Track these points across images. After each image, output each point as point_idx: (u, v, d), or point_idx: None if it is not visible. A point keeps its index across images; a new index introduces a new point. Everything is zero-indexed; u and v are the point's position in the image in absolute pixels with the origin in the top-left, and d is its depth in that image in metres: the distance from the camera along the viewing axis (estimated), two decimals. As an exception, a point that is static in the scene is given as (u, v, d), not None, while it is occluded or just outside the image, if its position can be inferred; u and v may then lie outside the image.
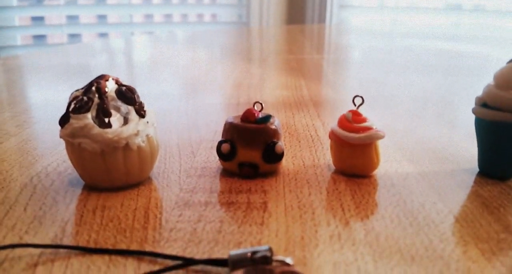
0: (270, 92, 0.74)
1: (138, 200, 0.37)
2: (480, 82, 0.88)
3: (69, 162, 0.44)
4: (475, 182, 0.42)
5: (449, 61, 1.11)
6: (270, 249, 0.28)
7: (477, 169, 0.44)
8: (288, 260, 0.28)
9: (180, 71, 0.93)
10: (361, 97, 0.42)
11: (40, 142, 0.50)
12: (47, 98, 0.70)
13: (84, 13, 2.31)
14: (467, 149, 0.50)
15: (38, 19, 2.16)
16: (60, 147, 0.48)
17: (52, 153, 0.47)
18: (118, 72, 0.94)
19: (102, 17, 2.40)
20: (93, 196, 0.37)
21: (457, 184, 0.41)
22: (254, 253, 0.27)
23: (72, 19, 2.21)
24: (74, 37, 2.23)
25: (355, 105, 0.43)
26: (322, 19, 2.49)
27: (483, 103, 0.42)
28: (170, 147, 0.49)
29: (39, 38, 2.19)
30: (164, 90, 0.77)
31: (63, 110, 0.38)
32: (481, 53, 1.28)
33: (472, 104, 0.43)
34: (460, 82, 0.84)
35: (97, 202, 0.36)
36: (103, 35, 2.40)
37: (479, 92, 0.43)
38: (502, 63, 1.13)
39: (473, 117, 0.43)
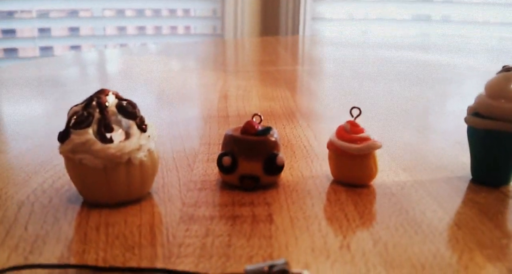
0: (257, 104, 0.74)
1: (142, 216, 0.36)
2: (453, 91, 0.90)
3: (65, 178, 0.43)
4: (469, 189, 0.43)
5: (420, 71, 1.13)
6: (287, 263, 0.28)
7: (469, 176, 0.46)
8: (306, 273, 0.28)
9: (160, 83, 0.92)
10: (358, 108, 0.43)
11: (31, 158, 0.49)
12: (26, 113, 0.68)
13: (56, 25, 2.27)
14: (456, 156, 0.51)
15: (9, 32, 2.12)
16: (54, 162, 0.47)
17: (46, 169, 0.45)
18: (93, 85, 0.93)
19: (74, 30, 2.36)
20: (95, 213, 0.37)
21: (453, 192, 0.42)
22: (271, 267, 0.27)
23: (44, 32, 2.17)
24: (46, 50, 2.18)
25: (352, 116, 0.43)
26: (295, 31, 2.52)
27: (475, 113, 0.43)
28: (166, 160, 0.49)
29: (11, 51, 2.14)
30: (146, 102, 0.76)
31: (46, 125, 0.37)
32: (450, 62, 1.32)
33: (450, 112, 0.45)
34: (434, 91, 0.86)
35: (99, 219, 0.36)
36: (75, 47, 2.36)
37: (455, 100, 0.44)
38: (471, 72, 1.16)
39: (458, 125, 0.45)
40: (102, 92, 0.37)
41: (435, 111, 0.72)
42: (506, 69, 0.43)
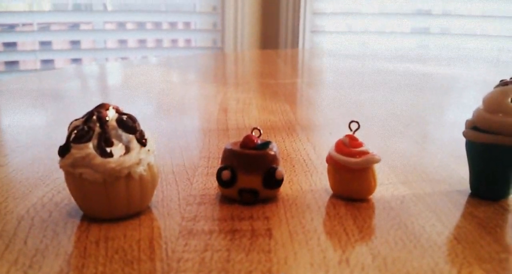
0: (257, 117, 0.74)
1: (141, 230, 0.36)
2: (451, 102, 0.91)
3: (64, 192, 0.43)
4: (468, 203, 0.43)
5: (418, 82, 1.14)
6: (286, 277, 0.28)
7: (468, 190, 0.46)
8: (305, 288, 0.28)
9: (160, 96, 0.93)
10: (357, 122, 0.43)
11: (31, 172, 0.49)
12: (27, 125, 0.68)
13: (57, 39, 2.29)
14: (455, 169, 0.51)
15: (10, 45, 2.13)
16: (53, 176, 0.47)
17: (45, 183, 0.46)
18: (94, 98, 0.93)
19: (75, 43, 2.38)
20: (94, 227, 0.37)
21: (452, 206, 0.42)
22: (270, 281, 0.27)
23: (45, 45, 2.19)
24: (47, 63, 2.20)
25: (351, 130, 0.43)
26: (295, 43, 2.54)
27: (474, 127, 0.43)
28: (166, 173, 0.49)
29: (11, 64, 2.15)
30: (146, 115, 0.77)
31: (47, 138, 0.37)
32: (448, 73, 1.32)
33: (449, 123, 0.45)
34: (432, 102, 0.87)
35: (99, 233, 0.36)
36: (76, 61, 2.38)
37: (453, 112, 0.45)
38: (469, 83, 1.16)
39: (457, 137, 0.45)
40: (103, 107, 0.37)
41: (434, 123, 0.72)
42: (503, 83, 0.43)
